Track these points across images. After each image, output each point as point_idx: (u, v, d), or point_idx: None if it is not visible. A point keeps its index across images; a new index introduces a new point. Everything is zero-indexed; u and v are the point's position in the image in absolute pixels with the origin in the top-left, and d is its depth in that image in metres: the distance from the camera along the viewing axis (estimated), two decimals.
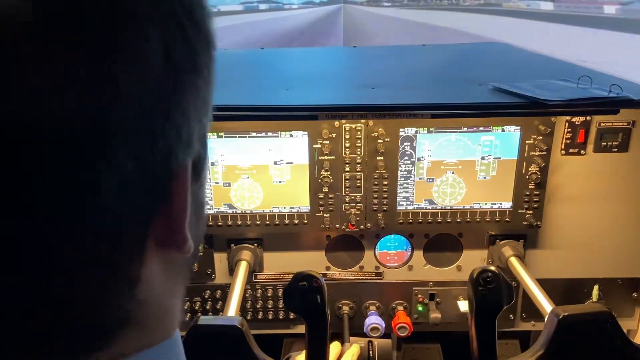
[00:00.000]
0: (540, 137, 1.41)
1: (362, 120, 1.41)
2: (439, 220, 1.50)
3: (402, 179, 1.47)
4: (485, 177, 1.46)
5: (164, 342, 0.44)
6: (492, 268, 0.99)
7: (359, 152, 1.44)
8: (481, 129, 1.42)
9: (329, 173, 1.45)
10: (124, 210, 0.36)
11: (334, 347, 1.37)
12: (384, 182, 1.46)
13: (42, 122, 0.30)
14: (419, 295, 1.62)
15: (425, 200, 1.49)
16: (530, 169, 1.44)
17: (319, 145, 1.43)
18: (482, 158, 1.44)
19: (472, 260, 1.60)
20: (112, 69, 0.33)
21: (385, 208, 1.49)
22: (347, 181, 1.47)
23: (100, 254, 0.36)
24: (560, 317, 1.00)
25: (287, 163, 1.45)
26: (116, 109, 0.33)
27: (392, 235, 1.58)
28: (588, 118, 1.41)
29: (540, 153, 1.42)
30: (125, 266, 0.38)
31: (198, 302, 1.61)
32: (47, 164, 0.31)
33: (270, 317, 1.64)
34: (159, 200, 0.39)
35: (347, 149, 1.44)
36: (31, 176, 0.31)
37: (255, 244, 1.57)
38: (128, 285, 0.39)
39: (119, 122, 0.33)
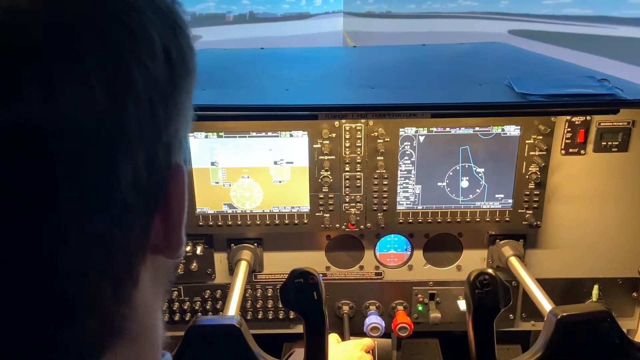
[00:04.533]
0: (540, 137, 1.41)
1: (362, 120, 1.41)
2: (439, 220, 1.50)
3: (402, 178, 1.47)
4: (482, 177, 1.46)
5: None
6: (489, 271, 0.99)
7: (359, 152, 1.44)
8: (481, 129, 1.42)
9: (329, 173, 1.45)
10: (134, 202, 0.37)
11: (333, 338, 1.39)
12: (384, 182, 1.46)
13: (69, 120, 0.32)
14: (419, 295, 1.62)
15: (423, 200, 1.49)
16: (530, 169, 1.44)
17: (319, 145, 1.43)
18: (478, 158, 1.45)
19: (472, 260, 1.60)
20: (130, 71, 0.35)
21: (385, 208, 1.49)
22: (347, 181, 1.47)
23: (114, 245, 0.37)
24: (559, 317, 0.99)
25: (287, 163, 1.45)
26: (132, 106, 0.36)
27: (392, 235, 1.59)
28: (588, 118, 1.41)
29: (540, 153, 1.42)
30: (132, 262, 0.39)
31: (198, 302, 1.61)
32: (72, 159, 0.33)
33: (270, 317, 1.64)
34: (160, 197, 0.40)
35: (347, 149, 1.44)
36: (56, 171, 0.32)
37: (255, 244, 1.57)
38: (130, 286, 0.40)
39: (134, 119, 0.36)
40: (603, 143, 1.43)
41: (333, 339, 1.40)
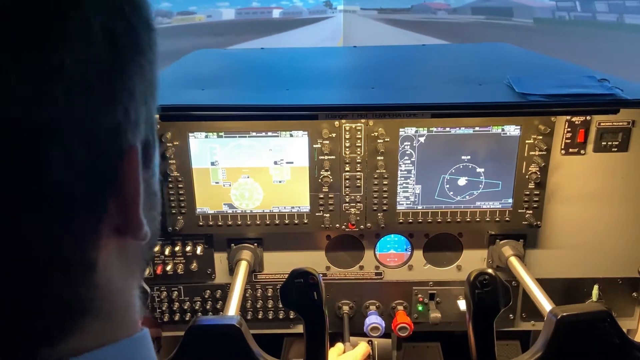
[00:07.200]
0: (540, 137, 1.41)
1: (362, 120, 1.41)
2: (439, 220, 1.50)
3: (402, 178, 1.47)
4: (482, 177, 1.46)
5: (127, 341, 0.44)
6: (489, 271, 0.99)
7: (359, 152, 1.44)
8: (481, 129, 1.42)
9: (329, 173, 1.45)
10: (76, 190, 0.37)
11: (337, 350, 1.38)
12: (384, 182, 1.46)
13: None
14: (419, 295, 1.62)
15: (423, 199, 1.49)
16: (530, 168, 1.44)
17: (319, 145, 1.43)
18: (479, 158, 1.44)
19: (472, 260, 1.60)
20: (58, 57, 0.34)
21: (385, 208, 1.49)
22: (347, 181, 1.47)
23: (55, 234, 0.37)
24: (559, 317, 1.00)
25: (287, 163, 1.45)
26: (64, 93, 0.35)
27: (392, 235, 1.59)
28: (588, 118, 1.41)
29: (540, 153, 1.42)
30: (80, 249, 0.39)
31: (198, 302, 1.61)
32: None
33: (270, 317, 1.64)
34: (110, 180, 0.40)
35: (347, 149, 1.44)
36: None
37: (255, 244, 1.57)
38: (85, 270, 0.40)
39: (63, 103, 0.35)
40: (603, 143, 1.43)
41: (334, 352, 1.41)
